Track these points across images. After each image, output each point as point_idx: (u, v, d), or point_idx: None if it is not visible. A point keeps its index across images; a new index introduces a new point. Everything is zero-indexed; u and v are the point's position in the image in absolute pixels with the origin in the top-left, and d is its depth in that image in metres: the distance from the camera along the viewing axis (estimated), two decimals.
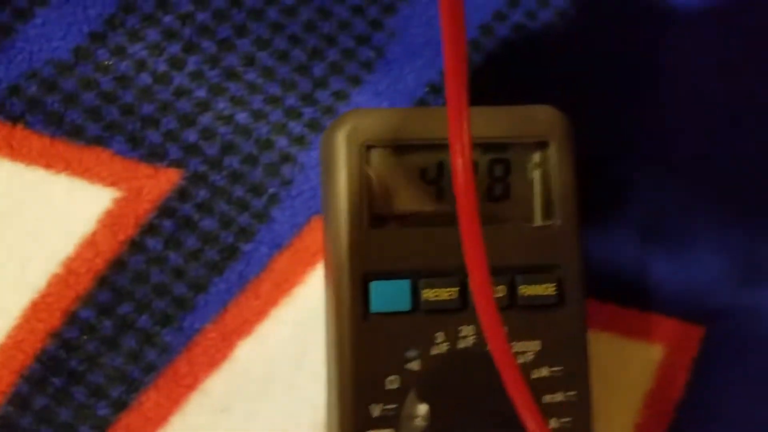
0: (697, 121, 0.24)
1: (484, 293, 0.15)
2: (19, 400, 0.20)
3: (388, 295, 0.18)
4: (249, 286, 0.21)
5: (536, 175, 0.19)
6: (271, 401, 0.20)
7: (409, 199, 0.19)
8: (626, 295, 0.22)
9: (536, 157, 0.19)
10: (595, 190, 0.23)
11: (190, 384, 0.20)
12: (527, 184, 0.19)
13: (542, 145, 0.19)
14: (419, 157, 0.19)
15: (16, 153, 0.21)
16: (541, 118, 0.19)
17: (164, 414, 0.20)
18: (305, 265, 0.21)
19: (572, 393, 0.18)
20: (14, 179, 0.21)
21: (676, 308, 0.22)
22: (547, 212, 0.19)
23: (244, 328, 0.21)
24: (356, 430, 0.17)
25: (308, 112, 0.22)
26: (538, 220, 0.19)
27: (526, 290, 0.18)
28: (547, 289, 0.18)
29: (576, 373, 0.18)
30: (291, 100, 0.22)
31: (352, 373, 0.17)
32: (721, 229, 0.23)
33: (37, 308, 0.20)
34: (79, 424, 0.20)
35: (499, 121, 0.19)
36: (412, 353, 0.18)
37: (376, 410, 0.17)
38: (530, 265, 0.18)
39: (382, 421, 0.17)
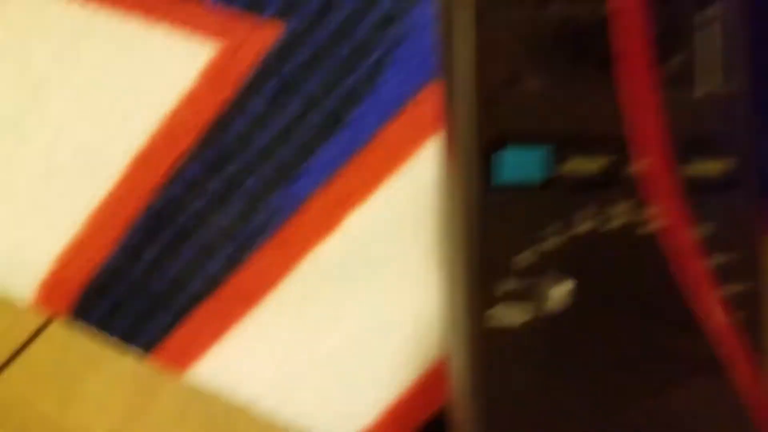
0: None
1: (661, 166, 0.12)
2: (130, 250, 0.20)
3: (520, 165, 0.16)
4: (356, 155, 0.20)
5: (703, 36, 0.16)
6: (379, 276, 0.20)
7: (550, 53, 0.16)
8: None
9: (703, 10, 0.16)
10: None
11: (299, 250, 0.20)
12: (692, 43, 0.16)
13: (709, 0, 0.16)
14: (565, 3, 0.16)
15: (113, 2, 0.19)
16: None
17: (274, 277, 0.20)
18: (417, 136, 0.20)
19: (749, 283, 0.16)
20: (112, 29, 0.19)
21: None
22: (720, 76, 0.16)
23: (352, 199, 0.20)
24: (480, 310, 0.16)
25: None
26: (707, 85, 0.16)
27: (693, 168, 0.16)
28: (717, 167, 0.16)
29: (750, 263, 0.16)
30: None
31: (478, 250, 0.16)
32: None
33: (143, 160, 0.20)
34: (190, 279, 0.20)
35: None
36: (547, 231, 0.16)
37: (504, 287, 0.16)
38: (697, 139, 0.16)
39: (511, 297, 0.16)
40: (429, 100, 0.20)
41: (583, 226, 0.16)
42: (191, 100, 0.19)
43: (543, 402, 0.17)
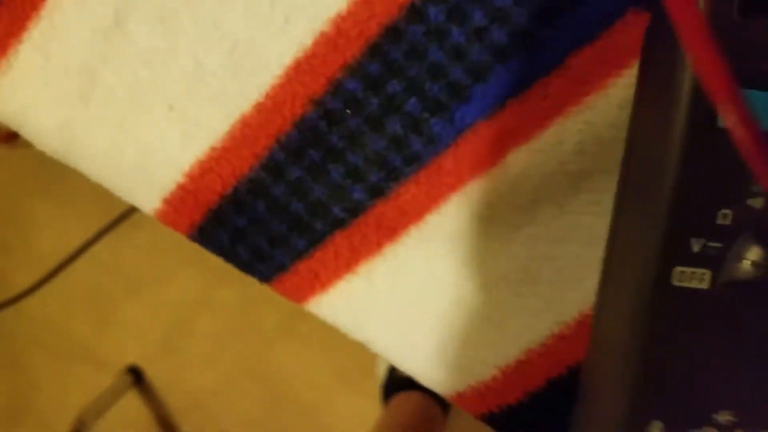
0: None
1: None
2: (273, 166, 0.19)
3: (755, 108, 0.13)
4: (537, 83, 0.17)
5: None
6: (538, 222, 0.18)
7: None
8: None
9: None
10: None
11: (452, 184, 0.18)
12: None
13: None
14: None
15: None
16: None
17: (421, 210, 0.18)
18: (610, 67, 0.17)
19: None
20: None
21: None
22: None
23: (523, 132, 0.18)
24: (667, 264, 0.14)
25: None
26: None
27: None
28: None
29: None
30: None
31: (675, 197, 0.14)
32: None
33: (300, 69, 0.18)
34: (332, 203, 0.19)
35: None
36: (758, 186, 0.14)
37: (696, 245, 0.14)
38: None
39: (700, 258, 0.14)
40: (628, 28, 0.17)
41: None
42: (364, 3, 0.17)
43: (709, 378, 0.15)
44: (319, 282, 0.20)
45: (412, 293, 0.19)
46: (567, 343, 0.19)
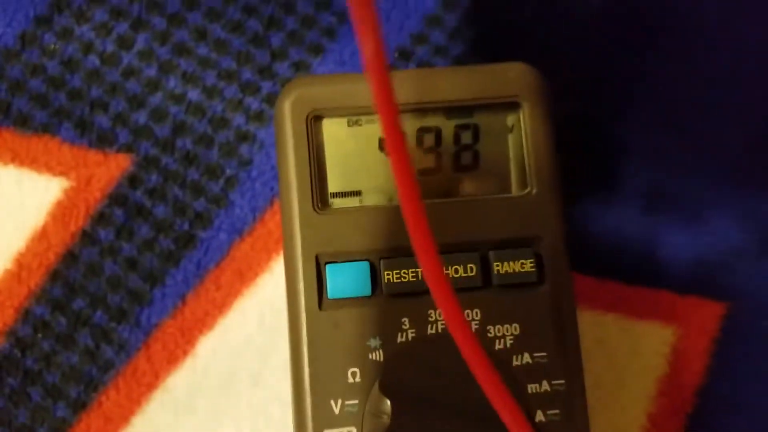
0: (705, 74, 0.21)
1: (437, 277, 0.13)
2: None
3: (346, 279, 0.16)
4: (208, 276, 0.20)
5: (509, 140, 0.17)
6: (237, 398, 0.19)
7: (366, 173, 0.17)
8: (634, 272, 0.20)
9: (508, 119, 0.17)
10: (593, 155, 0.21)
11: (150, 382, 0.19)
12: (499, 151, 0.17)
13: (513, 106, 0.17)
14: (376, 127, 0.17)
15: None
16: (511, 75, 0.17)
17: (125, 414, 0.19)
18: (269, 252, 0.20)
19: (559, 382, 0.16)
20: None
21: (691, 284, 0.20)
22: (523, 181, 0.17)
23: (205, 321, 0.19)
24: (316, 429, 0.15)
25: (266, 86, 0.20)
26: (513, 190, 0.17)
27: (502, 267, 0.16)
28: (524, 266, 0.16)
29: (563, 360, 0.16)
30: (247, 74, 0.20)
31: (310, 367, 0.16)
32: (737, 194, 0.20)
33: None
34: (37, 425, 0.19)
35: (463, 82, 0.17)
36: (375, 342, 0.16)
37: (336, 407, 0.16)
38: (505, 240, 0.16)
39: (343, 418, 0.15)
40: (277, 215, 0.20)
41: (407, 333, 0.16)
42: (40, 237, 0.20)
43: None
44: None
45: None
46: None
